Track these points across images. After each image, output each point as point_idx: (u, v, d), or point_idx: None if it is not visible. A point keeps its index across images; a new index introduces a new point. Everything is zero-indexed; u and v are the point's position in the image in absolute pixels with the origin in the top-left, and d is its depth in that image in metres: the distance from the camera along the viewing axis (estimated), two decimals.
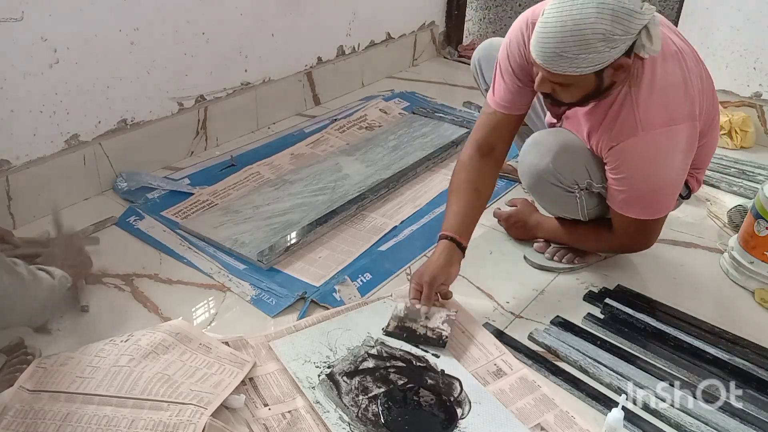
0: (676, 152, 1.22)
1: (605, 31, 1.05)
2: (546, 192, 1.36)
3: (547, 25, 1.08)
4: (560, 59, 1.09)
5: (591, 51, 1.07)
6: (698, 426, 1.07)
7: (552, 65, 1.11)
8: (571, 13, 1.05)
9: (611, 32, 1.05)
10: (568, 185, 1.31)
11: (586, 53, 1.07)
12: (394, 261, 1.49)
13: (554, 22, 1.07)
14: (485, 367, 1.18)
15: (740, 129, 2.08)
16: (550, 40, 1.08)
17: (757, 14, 2.04)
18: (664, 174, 1.24)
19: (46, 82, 1.51)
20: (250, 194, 1.73)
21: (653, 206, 1.28)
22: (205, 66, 1.89)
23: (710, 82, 1.28)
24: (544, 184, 1.34)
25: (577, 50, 1.07)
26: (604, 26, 1.05)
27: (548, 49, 1.09)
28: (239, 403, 1.05)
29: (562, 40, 1.07)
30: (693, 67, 1.22)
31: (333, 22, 2.30)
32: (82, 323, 1.25)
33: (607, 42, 1.06)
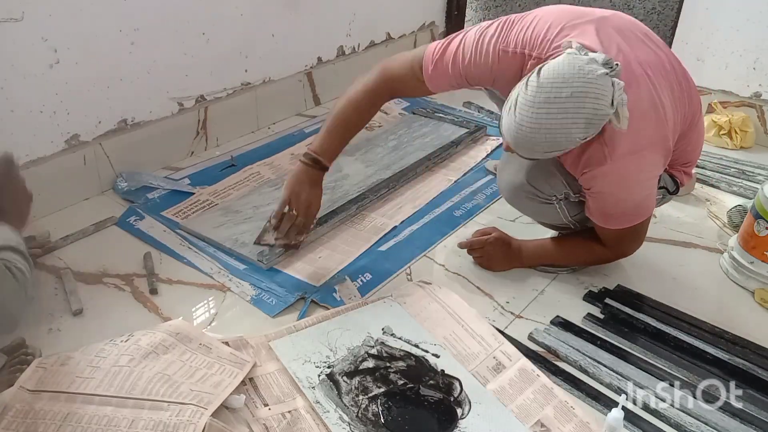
0: (643, 174, 1.23)
1: (578, 137, 1.09)
2: (525, 205, 1.40)
3: (521, 129, 1.09)
4: (531, 153, 1.15)
5: (561, 149, 1.13)
6: (698, 426, 1.07)
7: (523, 155, 1.17)
8: (546, 122, 1.07)
9: (583, 137, 1.09)
10: (546, 198, 1.33)
11: (555, 151, 1.13)
12: (394, 261, 1.49)
13: (528, 127, 1.08)
14: (484, 363, 1.18)
15: (740, 129, 2.08)
16: (523, 142, 1.12)
17: (756, 14, 2.04)
18: (635, 195, 1.25)
19: (46, 82, 1.51)
20: (250, 194, 1.73)
21: (632, 217, 1.29)
22: (205, 66, 1.89)
23: (687, 82, 1.26)
24: (523, 198, 1.36)
25: (548, 150, 1.12)
26: (577, 134, 1.08)
27: (520, 146, 1.14)
28: (239, 403, 1.05)
29: (536, 143, 1.11)
30: (662, 82, 1.20)
31: (333, 22, 2.30)
32: (82, 323, 1.25)
33: (577, 143, 1.11)
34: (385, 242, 1.56)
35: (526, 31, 1.20)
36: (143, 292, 1.35)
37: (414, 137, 2.07)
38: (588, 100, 1.05)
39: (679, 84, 1.24)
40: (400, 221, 1.64)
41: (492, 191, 1.80)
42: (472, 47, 1.25)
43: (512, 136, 1.12)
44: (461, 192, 1.80)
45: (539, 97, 1.06)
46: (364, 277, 1.43)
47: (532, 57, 1.19)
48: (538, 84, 1.06)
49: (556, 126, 1.07)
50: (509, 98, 1.12)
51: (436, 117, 2.22)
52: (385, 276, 1.44)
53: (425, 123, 2.18)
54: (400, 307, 1.31)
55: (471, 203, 1.74)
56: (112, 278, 1.39)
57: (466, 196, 1.78)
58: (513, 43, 1.21)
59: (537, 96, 1.06)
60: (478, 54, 1.24)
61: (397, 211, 1.69)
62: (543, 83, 1.06)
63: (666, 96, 1.20)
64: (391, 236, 1.58)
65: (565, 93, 1.05)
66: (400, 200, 1.74)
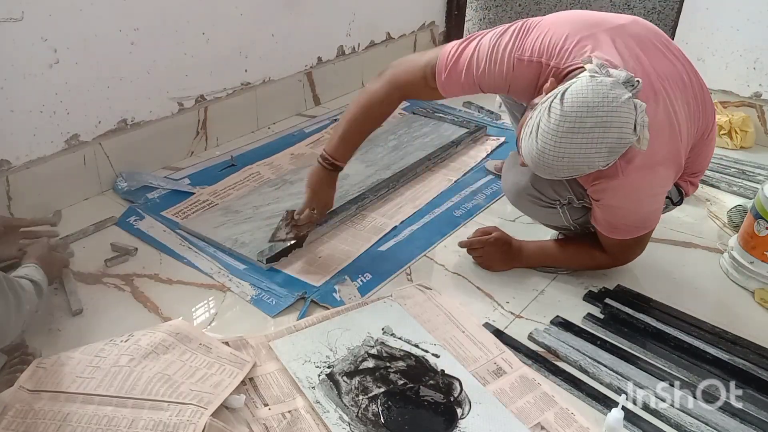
0: (655, 188, 1.23)
1: (601, 164, 1.08)
2: (528, 208, 1.41)
3: (544, 157, 1.08)
4: (551, 176, 1.16)
5: (582, 174, 1.13)
6: (698, 426, 1.07)
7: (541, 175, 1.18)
8: (569, 152, 1.06)
9: (605, 164, 1.09)
10: (549, 201, 1.33)
11: (577, 175, 1.13)
12: (394, 261, 1.49)
13: (551, 156, 1.07)
14: (485, 367, 1.18)
15: (740, 129, 2.08)
16: (544, 167, 1.11)
17: (757, 14, 2.04)
18: (645, 209, 1.25)
19: (46, 82, 1.51)
20: (250, 194, 1.73)
21: (638, 229, 1.29)
22: (205, 66, 1.89)
23: (703, 95, 1.25)
24: (526, 201, 1.37)
25: (569, 174, 1.12)
26: (600, 161, 1.08)
27: (540, 170, 1.13)
28: (239, 403, 1.05)
29: (557, 170, 1.11)
30: (678, 95, 1.19)
31: (333, 22, 2.31)
32: (82, 323, 1.25)
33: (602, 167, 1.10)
34: (385, 242, 1.56)
35: (543, 39, 1.17)
36: (143, 292, 1.35)
37: (414, 137, 2.07)
38: (612, 129, 1.03)
39: (695, 97, 1.23)
40: (400, 221, 1.64)
41: (492, 191, 1.80)
42: (487, 55, 1.22)
43: (533, 161, 1.11)
44: (461, 192, 1.80)
45: (563, 126, 1.04)
46: (364, 277, 1.43)
47: (549, 66, 1.16)
48: (562, 112, 1.04)
49: (579, 155, 1.06)
50: (529, 122, 1.10)
51: (436, 117, 2.22)
52: (385, 276, 1.44)
53: (425, 123, 2.18)
54: (400, 307, 1.31)
55: (471, 203, 1.74)
56: (112, 278, 1.39)
57: (466, 196, 1.78)
58: (529, 51, 1.18)
59: (561, 125, 1.04)
60: (493, 62, 1.21)
61: (397, 211, 1.69)
62: (567, 112, 1.04)
63: (682, 110, 1.19)
64: (391, 236, 1.58)
65: (589, 123, 1.03)
66: (400, 200, 1.74)
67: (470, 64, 1.23)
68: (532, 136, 1.09)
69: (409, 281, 1.43)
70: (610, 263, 1.40)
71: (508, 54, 1.20)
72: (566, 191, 1.30)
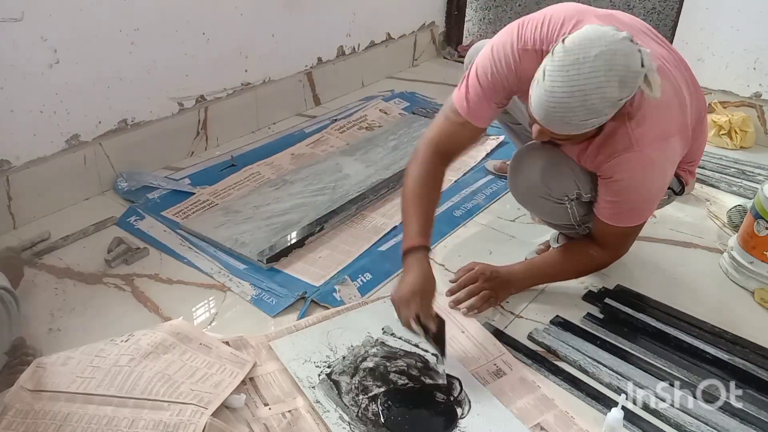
0: (667, 163, 1.23)
1: (613, 98, 1.04)
2: (537, 205, 1.37)
3: (554, 95, 1.04)
4: (566, 126, 1.08)
5: (597, 116, 1.06)
6: (698, 426, 1.07)
7: (556, 129, 1.10)
8: (579, 83, 1.02)
9: (618, 97, 1.04)
10: (558, 198, 1.31)
11: (592, 119, 1.06)
12: (394, 261, 1.49)
13: (561, 91, 1.03)
14: (485, 367, 1.18)
15: (740, 129, 2.08)
16: (558, 110, 1.05)
17: (756, 14, 2.04)
18: (655, 185, 1.25)
19: (46, 82, 1.51)
20: (250, 194, 1.73)
21: (639, 214, 1.28)
22: (205, 66, 1.89)
23: (692, 79, 1.27)
24: (535, 199, 1.34)
25: (585, 117, 1.05)
26: (612, 93, 1.03)
27: (554, 117, 1.07)
28: (239, 402, 1.05)
29: (570, 110, 1.05)
30: (678, 75, 1.21)
31: (333, 22, 2.31)
32: (82, 323, 1.25)
33: (614, 106, 1.06)
34: (385, 242, 1.56)
35: (542, 29, 1.19)
36: (143, 292, 1.35)
37: (414, 137, 2.07)
38: (618, 56, 1.02)
39: (690, 78, 1.25)
40: (400, 221, 1.64)
41: (492, 191, 1.80)
42: (489, 59, 1.23)
43: (544, 108, 1.07)
44: (461, 192, 1.80)
45: (567, 59, 1.02)
46: (364, 277, 1.43)
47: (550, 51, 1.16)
48: (564, 50, 1.03)
49: (589, 86, 1.02)
50: (537, 73, 1.08)
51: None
52: (385, 276, 1.44)
53: (425, 123, 2.18)
54: None
55: (471, 203, 1.74)
56: (112, 278, 1.39)
57: (466, 196, 1.78)
58: (531, 41, 1.20)
59: (565, 59, 1.03)
60: (498, 60, 1.22)
61: (397, 211, 1.68)
62: (569, 47, 1.03)
63: (683, 86, 1.21)
64: (391, 236, 1.58)
65: (593, 52, 1.01)
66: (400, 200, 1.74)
67: (480, 78, 1.24)
68: (539, 82, 1.06)
69: None
70: (603, 259, 1.37)
71: (510, 47, 1.21)
72: (574, 185, 1.28)
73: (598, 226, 1.32)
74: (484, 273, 1.35)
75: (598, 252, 1.35)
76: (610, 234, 1.31)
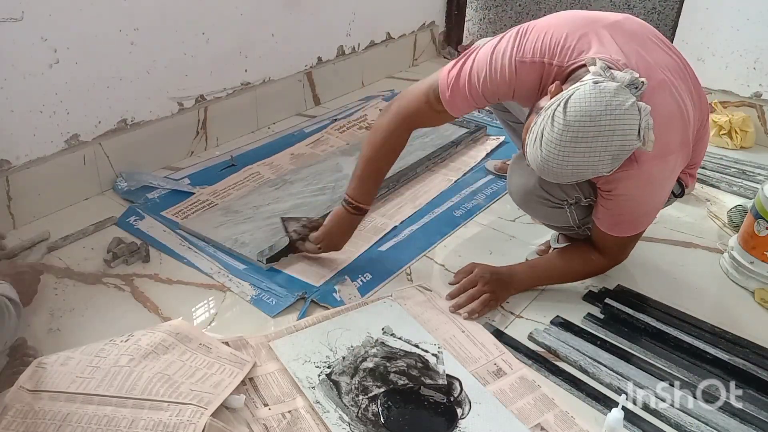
0: (666, 180, 1.23)
1: (603, 171, 1.08)
2: (536, 209, 1.37)
3: (548, 164, 1.08)
4: (556, 181, 1.15)
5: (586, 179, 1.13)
6: (698, 426, 1.07)
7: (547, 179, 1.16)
8: (573, 161, 1.05)
9: (609, 170, 1.08)
10: (557, 201, 1.31)
11: (581, 180, 1.15)
12: (394, 261, 1.49)
13: (555, 164, 1.07)
14: (485, 367, 1.18)
15: (740, 129, 2.08)
16: (551, 175, 1.11)
17: (756, 14, 2.04)
18: (655, 199, 1.25)
19: (46, 82, 1.51)
20: (250, 194, 1.73)
21: (638, 225, 1.29)
22: (205, 66, 1.89)
23: (697, 86, 1.26)
24: (534, 201, 1.34)
25: (574, 180, 1.13)
26: (603, 169, 1.07)
27: (546, 176, 1.13)
28: (239, 403, 1.05)
29: (562, 176, 1.10)
30: (681, 85, 1.19)
31: (333, 22, 2.31)
32: (82, 323, 1.25)
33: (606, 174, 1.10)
34: (385, 242, 1.56)
35: (543, 39, 1.17)
36: (143, 292, 1.35)
37: (414, 137, 2.06)
38: (615, 137, 1.03)
39: (694, 86, 1.24)
40: (400, 221, 1.64)
41: (492, 191, 1.80)
42: (487, 64, 1.21)
43: (538, 168, 1.11)
44: (461, 192, 1.80)
45: (566, 136, 1.04)
46: (364, 277, 1.43)
47: (552, 65, 1.16)
48: (564, 122, 1.04)
49: (582, 163, 1.06)
50: (534, 128, 1.09)
51: None
52: (385, 276, 1.44)
53: None
54: (400, 307, 1.31)
55: (471, 203, 1.74)
56: (112, 278, 1.39)
57: (466, 196, 1.78)
58: (530, 53, 1.17)
59: (564, 135, 1.04)
60: (494, 70, 1.20)
61: (397, 211, 1.69)
62: (570, 122, 1.03)
63: (687, 98, 1.20)
64: (391, 236, 1.58)
65: (592, 133, 1.03)
66: (400, 200, 1.74)
67: (471, 77, 1.22)
68: (536, 144, 1.09)
69: (409, 281, 1.43)
70: (603, 264, 1.38)
71: (509, 58, 1.19)
72: (574, 190, 1.29)
73: (597, 234, 1.32)
74: (483, 276, 1.34)
75: (599, 258, 1.36)
76: (608, 242, 1.32)
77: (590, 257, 1.35)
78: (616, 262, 1.38)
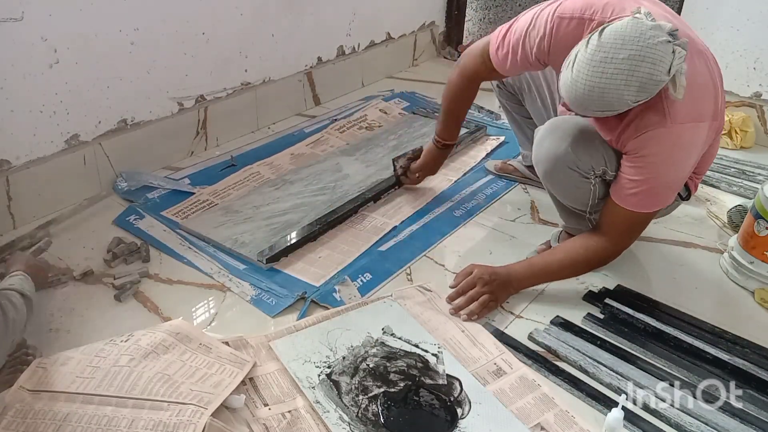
0: (695, 147, 1.23)
1: (629, 100, 1.10)
2: (562, 178, 1.34)
3: (576, 85, 1.11)
4: (587, 111, 1.17)
5: (612, 110, 1.14)
6: (698, 426, 1.07)
7: (576, 110, 1.19)
8: (600, 81, 1.08)
9: (635, 100, 1.10)
10: (585, 171, 1.30)
11: (607, 111, 1.15)
12: (394, 261, 1.49)
13: (582, 84, 1.10)
14: (485, 367, 1.18)
15: (740, 129, 2.08)
16: (577, 99, 1.13)
17: (757, 14, 2.05)
18: (680, 167, 1.24)
19: (46, 82, 1.51)
20: (250, 194, 1.73)
21: (656, 198, 1.27)
22: (205, 66, 1.89)
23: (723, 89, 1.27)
24: (562, 169, 1.32)
25: (600, 109, 1.14)
26: (629, 96, 1.09)
27: (574, 103, 1.15)
28: (239, 403, 1.05)
29: (588, 101, 1.12)
30: (715, 68, 1.23)
31: (333, 22, 2.31)
32: (82, 323, 1.25)
33: (628, 106, 1.12)
34: (385, 242, 1.56)
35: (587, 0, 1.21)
36: (143, 292, 1.35)
37: (414, 137, 2.07)
38: (644, 64, 1.06)
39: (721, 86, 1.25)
40: (400, 221, 1.64)
41: (492, 191, 1.80)
42: (530, 22, 1.28)
43: (567, 92, 1.14)
44: (461, 192, 1.80)
45: (597, 57, 1.08)
46: (364, 277, 1.43)
47: (593, 20, 1.19)
48: (598, 43, 1.08)
49: (609, 87, 1.08)
50: (570, 55, 1.14)
51: (436, 117, 2.22)
52: (385, 276, 1.44)
53: (425, 123, 2.18)
54: (400, 307, 1.31)
55: (471, 203, 1.74)
56: (112, 278, 1.38)
57: (466, 196, 1.78)
58: (570, 10, 1.22)
59: (595, 55, 1.08)
60: (533, 27, 1.26)
61: (397, 211, 1.69)
62: (603, 42, 1.07)
63: (718, 83, 1.22)
64: (391, 236, 1.58)
65: (622, 54, 1.06)
66: (400, 200, 1.74)
67: (515, 35, 1.30)
68: (569, 66, 1.13)
69: (409, 281, 1.43)
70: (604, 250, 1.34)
71: (549, 14, 1.24)
72: (602, 160, 1.28)
73: (610, 210, 1.30)
74: (482, 277, 1.34)
75: (601, 244, 1.32)
76: (620, 220, 1.29)
77: (591, 243, 1.33)
78: (617, 248, 1.35)
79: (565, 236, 1.49)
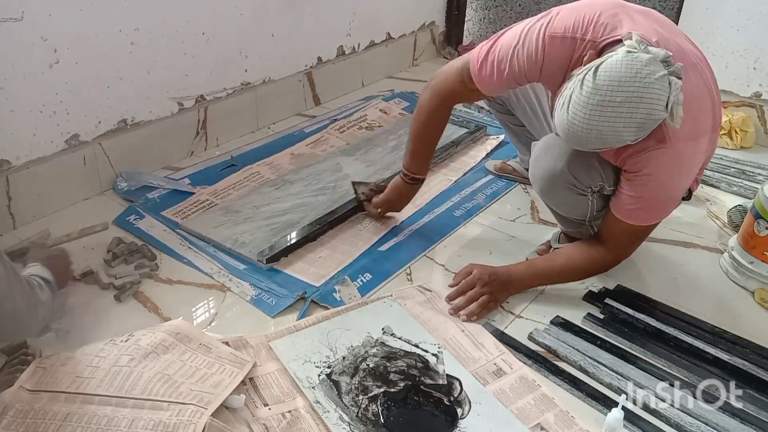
0: (695, 163, 1.23)
1: (628, 139, 1.09)
2: (559, 195, 1.34)
3: (573, 127, 1.09)
4: (581, 147, 1.18)
5: (610, 147, 1.14)
6: (698, 426, 1.07)
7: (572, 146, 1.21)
8: (598, 124, 1.06)
9: (633, 139, 1.09)
10: (582, 188, 1.29)
11: (605, 148, 1.15)
12: (394, 261, 1.49)
13: (580, 127, 1.08)
14: (485, 367, 1.18)
15: (740, 129, 2.08)
16: (574, 139, 1.13)
17: (757, 14, 2.05)
18: (680, 183, 1.24)
19: (46, 82, 1.51)
20: (250, 194, 1.73)
21: (657, 212, 1.28)
22: (205, 66, 1.89)
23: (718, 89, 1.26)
24: (558, 188, 1.32)
25: (598, 147, 1.14)
26: (629, 136, 1.08)
27: (571, 141, 1.15)
28: (239, 403, 1.05)
29: (586, 141, 1.12)
30: (709, 76, 1.21)
31: (333, 22, 2.31)
32: (82, 323, 1.25)
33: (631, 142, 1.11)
34: (385, 242, 1.56)
35: (576, 17, 1.18)
36: (143, 292, 1.35)
37: None
38: (642, 105, 1.04)
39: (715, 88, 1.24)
40: (400, 221, 1.64)
41: (492, 191, 1.80)
42: (516, 40, 1.22)
43: (563, 132, 1.13)
44: (461, 192, 1.80)
45: (593, 99, 1.05)
46: (364, 277, 1.43)
47: (585, 41, 1.16)
48: (593, 85, 1.05)
49: (607, 129, 1.07)
50: (563, 92, 1.11)
51: None
52: (385, 276, 1.44)
53: None
54: (400, 307, 1.31)
55: (471, 203, 1.74)
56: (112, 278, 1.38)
57: (466, 196, 1.78)
58: (562, 29, 1.18)
59: (591, 98, 1.05)
60: (523, 45, 1.21)
61: None
62: (599, 85, 1.05)
63: (714, 88, 1.21)
64: (391, 236, 1.58)
65: (619, 98, 1.04)
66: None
67: (502, 54, 1.24)
68: (564, 107, 1.10)
69: (409, 281, 1.43)
70: (606, 260, 1.35)
71: (538, 33, 1.19)
72: (599, 176, 1.27)
73: (610, 223, 1.30)
74: (482, 278, 1.34)
75: (602, 253, 1.34)
76: (620, 233, 1.30)
77: (593, 253, 1.34)
78: (619, 258, 1.36)
79: (565, 237, 1.49)
